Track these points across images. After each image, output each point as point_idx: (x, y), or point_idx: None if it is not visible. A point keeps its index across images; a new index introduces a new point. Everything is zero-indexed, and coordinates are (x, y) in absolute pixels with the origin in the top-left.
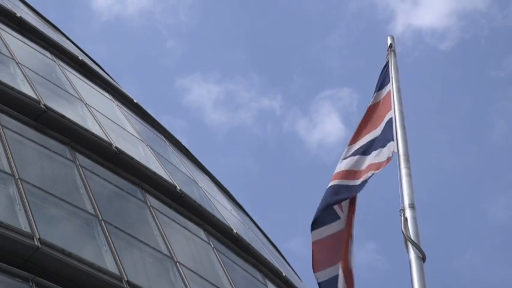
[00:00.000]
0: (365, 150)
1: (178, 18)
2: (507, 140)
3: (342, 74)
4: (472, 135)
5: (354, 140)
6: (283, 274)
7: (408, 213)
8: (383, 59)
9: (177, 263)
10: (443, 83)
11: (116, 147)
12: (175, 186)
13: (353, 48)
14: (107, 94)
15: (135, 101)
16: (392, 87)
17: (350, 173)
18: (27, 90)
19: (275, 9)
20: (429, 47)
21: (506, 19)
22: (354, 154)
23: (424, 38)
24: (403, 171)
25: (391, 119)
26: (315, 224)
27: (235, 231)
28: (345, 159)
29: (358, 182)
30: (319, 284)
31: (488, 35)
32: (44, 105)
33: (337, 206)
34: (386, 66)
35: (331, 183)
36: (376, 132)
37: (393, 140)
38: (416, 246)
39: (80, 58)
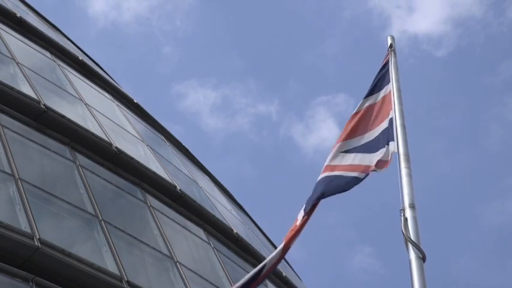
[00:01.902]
0: (366, 149)
1: (175, 24)
2: (502, 145)
3: (337, 80)
4: (467, 141)
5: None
6: (283, 274)
7: (408, 213)
8: (379, 64)
9: (177, 263)
10: (440, 89)
11: (116, 147)
12: (175, 186)
13: (349, 54)
14: (107, 94)
15: (135, 101)
16: (392, 86)
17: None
18: (27, 90)
19: (271, 16)
20: (425, 53)
21: (502, 26)
22: (351, 151)
23: (420, 44)
24: (404, 171)
25: (391, 119)
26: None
27: (235, 231)
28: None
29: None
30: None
31: (484, 42)
32: (44, 105)
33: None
34: (386, 66)
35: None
36: (376, 132)
37: (393, 140)
38: (417, 246)
39: (80, 58)
